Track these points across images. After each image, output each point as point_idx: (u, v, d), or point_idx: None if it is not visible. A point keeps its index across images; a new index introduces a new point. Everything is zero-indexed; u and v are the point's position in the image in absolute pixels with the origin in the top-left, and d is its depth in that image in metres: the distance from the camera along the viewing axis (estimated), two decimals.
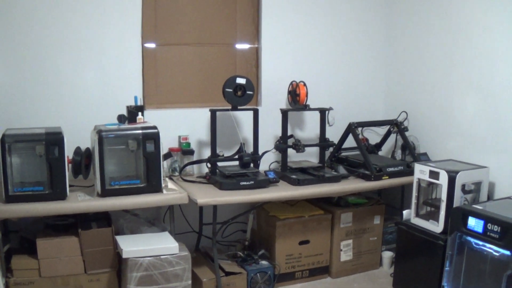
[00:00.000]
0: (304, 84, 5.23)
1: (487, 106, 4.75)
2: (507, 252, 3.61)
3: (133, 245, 4.08)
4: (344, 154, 5.58)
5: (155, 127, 4.38)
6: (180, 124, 5.22)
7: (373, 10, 5.98)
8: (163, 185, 4.43)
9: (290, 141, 5.19)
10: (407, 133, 5.48)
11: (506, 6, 4.54)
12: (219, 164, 4.97)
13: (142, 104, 4.89)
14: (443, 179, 4.31)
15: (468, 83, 4.95)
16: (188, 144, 5.17)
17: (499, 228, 3.66)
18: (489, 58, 4.72)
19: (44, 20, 4.69)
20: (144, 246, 4.08)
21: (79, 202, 4.14)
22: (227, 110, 4.96)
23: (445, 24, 5.19)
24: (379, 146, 5.76)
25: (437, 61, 5.31)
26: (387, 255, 5.37)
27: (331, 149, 5.49)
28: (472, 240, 3.91)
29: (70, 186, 4.24)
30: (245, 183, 4.69)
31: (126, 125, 4.51)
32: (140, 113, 4.65)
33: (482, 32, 4.77)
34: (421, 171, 4.55)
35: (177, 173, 5.05)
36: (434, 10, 5.32)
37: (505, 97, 4.57)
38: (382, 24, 6.02)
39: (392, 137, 5.67)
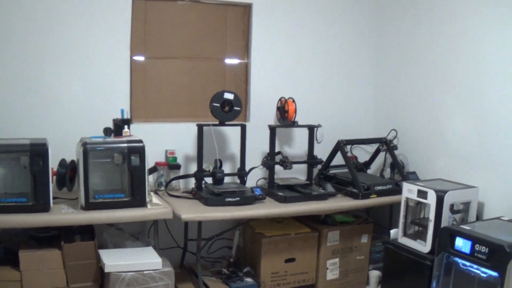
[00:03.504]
0: (293, 101, 5.23)
1: (477, 126, 4.74)
2: (495, 274, 3.58)
3: (116, 260, 4.05)
4: (332, 171, 5.57)
5: (140, 141, 4.36)
6: (167, 138, 5.20)
7: (363, 28, 5.99)
8: (147, 199, 4.39)
9: (277, 158, 5.17)
10: (396, 152, 5.47)
11: (496, 26, 4.54)
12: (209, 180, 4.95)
13: (129, 117, 4.84)
14: (431, 199, 4.28)
15: (458, 103, 4.95)
16: (175, 158, 5.15)
17: (487, 249, 3.63)
18: (479, 77, 4.71)
19: (31, 30, 4.67)
20: (127, 261, 4.05)
21: (63, 214, 4.10)
22: (215, 125, 4.93)
23: (435, 43, 5.19)
24: (368, 164, 5.74)
25: (427, 80, 5.30)
26: (374, 275, 5.31)
27: (319, 166, 5.46)
28: (460, 260, 3.88)
29: (54, 198, 4.22)
30: (230, 199, 4.65)
31: (111, 138, 4.47)
32: (126, 126, 4.60)
33: (473, 51, 4.77)
34: (409, 190, 4.52)
35: (163, 188, 5.02)
36: (424, 28, 5.32)
37: (495, 117, 4.56)
38: (372, 42, 6.03)
39: (381, 155, 5.66)
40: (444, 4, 5.07)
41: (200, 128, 4.84)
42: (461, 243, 3.82)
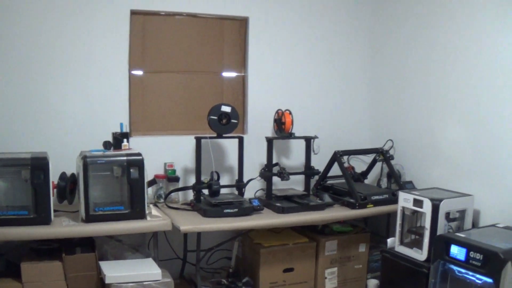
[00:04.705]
0: (290, 113, 5.27)
1: (472, 136, 4.79)
2: (490, 280, 3.62)
3: (116, 271, 4.09)
4: (329, 182, 5.61)
5: (139, 154, 4.40)
6: (166, 151, 5.25)
7: (358, 41, 6.04)
8: (147, 211, 4.44)
9: (275, 169, 5.20)
10: (392, 162, 5.51)
11: (490, 38, 4.60)
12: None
13: (128, 131, 4.87)
14: (427, 207, 4.32)
15: (453, 113, 5.00)
16: (174, 171, 5.20)
17: (481, 256, 3.68)
18: (473, 87, 4.76)
19: (30, 45, 4.74)
20: (127, 272, 4.09)
21: (64, 227, 4.15)
22: (212, 137, 4.98)
23: (430, 54, 5.25)
24: (365, 174, 5.79)
25: (423, 90, 5.36)
26: (372, 283, 5.35)
27: (317, 177, 5.51)
28: (455, 268, 3.92)
29: (55, 211, 4.25)
30: (229, 210, 4.70)
31: (111, 152, 4.52)
32: (125, 140, 4.65)
33: (467, 62, 4.83)
34: (405, 199, 4.55)
35: (162, 200, 5.06)
36: (419, 40, 5.38)
37: (489, 126, 4.61)
38: (367, 54, 6.09)
39: (378, 165, 5.71)
40: (439, 16, 5.12)
41: (198, 140, 4.88)
42: (456, 251, 3.86)
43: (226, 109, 4.93)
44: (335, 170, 5.44)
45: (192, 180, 5.17)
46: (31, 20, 4.72)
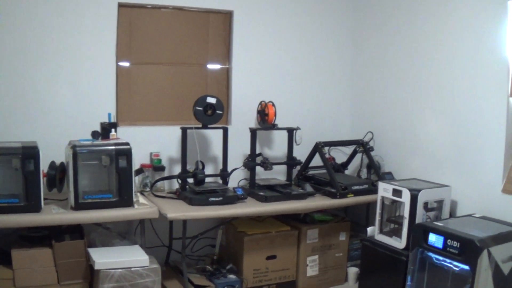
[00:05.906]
0: (273, 104, 5.37)
1: (450, 128, 4.90)
2: (466, 267, 3.73)
3: (105, 257, 4.15)
4: (311, 172, 5.69)
5: (127, 144, 4.48)
6: (152, 141, 5.31)
7: (340, 35, 6.13)
8: (134, 199, 4.51)
9: (258, 159, 5.29)
10: (372, 153, 5.61)
11: (467, 33, 4.71)
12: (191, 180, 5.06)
13: (115, 121, 4.94)
14: (406, 197, 4.42)
15: (431, 105, 5.11)
16: (159, 160, 5.27)
17: (459, 243, 3.78)
18: (451, 82, 4.87)
19: (19, 37, 4.77)
20: (115, 259, 4.16)
21: (53, 214, 4.21)
22: (198, 128, 5.06)
23: (409, 49, 5.35)
24: (345, 165, 5.88)
25: (402, 84, 5.46)
26: (353, 271, 5.45)
27: (299, 167, 5.60)
28: (433, 255, 4.02)
29: (44, 199, 4.31)
30: (214, 199, 4.78)
31: (99, 141, 4.59)
32: (113, 130, 4.71)
33: (445, 57, 4.94)
34: (384, 189, 4.65)
35: (148, 189, 5.14)
36: (399, 35, 5.48)
37: (466, 119, 4.72)
38: (349, 48, 6.18)
39: (358, 156, 5.79)
40: (420, 11, 5.22)
41: (184, 131, 4.96)
42: (434, 239, 3.97)
43: (211, 100, 5.00)
44: (317, 160, 5.51)
45: (177, 170, 5.26)
46: (19, 12, 4.75)
